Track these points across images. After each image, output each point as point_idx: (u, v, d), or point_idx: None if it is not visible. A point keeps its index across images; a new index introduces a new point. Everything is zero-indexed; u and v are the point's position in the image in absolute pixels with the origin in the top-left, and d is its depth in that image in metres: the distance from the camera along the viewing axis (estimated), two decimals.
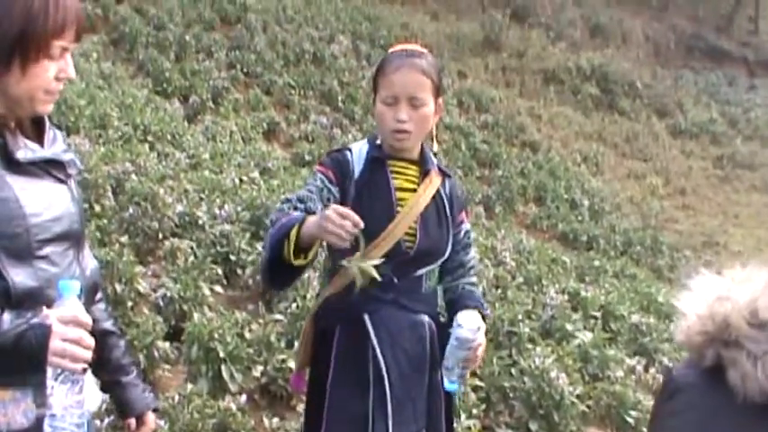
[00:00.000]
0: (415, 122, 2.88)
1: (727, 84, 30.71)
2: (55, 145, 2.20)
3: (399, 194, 2.93)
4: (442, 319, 3.03)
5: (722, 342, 1.17)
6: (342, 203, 2.82)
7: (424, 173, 3.00)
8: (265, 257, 2.76)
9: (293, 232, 2.60)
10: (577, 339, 6.93)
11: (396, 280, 2.88)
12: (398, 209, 2.90)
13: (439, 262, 3.00)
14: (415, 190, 2.95)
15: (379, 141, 2.99)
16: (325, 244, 2.79)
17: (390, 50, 3.04)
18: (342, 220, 2.46)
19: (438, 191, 3.01)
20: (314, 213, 2.74)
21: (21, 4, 2.00)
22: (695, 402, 1.20)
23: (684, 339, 1.24)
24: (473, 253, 3.21)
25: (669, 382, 1.27)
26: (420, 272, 2.94)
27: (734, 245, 17.99)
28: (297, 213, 2.72)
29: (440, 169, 3.08)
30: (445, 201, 3.04)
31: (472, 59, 24.00)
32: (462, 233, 3.12)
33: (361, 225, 2.49)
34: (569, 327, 7.18)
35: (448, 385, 2.86)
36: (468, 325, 2.74)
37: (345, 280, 2.86)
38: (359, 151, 2.98)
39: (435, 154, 3.12)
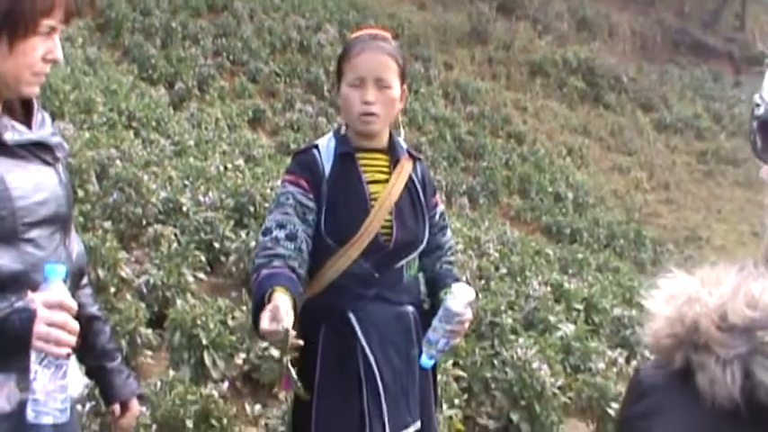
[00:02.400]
0: (382, 104, 2.83)
1: (713, 79, 30.81)
2: (43, 128, 2.19)
3: (372, 188, 2.88)
4: (425, 307, 3.00)
5: (691, 345, 1.16)
6: (317, 206, 2.81)
7: (395, 161, 2.95)
8: (252, 313, 2.66)
9: (266, 303, 2.50)
10: (560, 331, 6.95)
11: (377, 275, 2.84)
12: (372, 203, 2.85)
13: (418, 251, 2.95)
14: (387, 180, 2.91)
15: (344, 132, 2.94)
16: (305, 235, 2.79)
17: (354, 35, 3.00)
18: (266, 325, 2.37)
19: (410, 177, 2.97)
20: (296, 238, 2.73)
21: None
22: (664, 405, 1.19)
23: (653, 342, 1.23)
24: (449, 233, 3.17)
25: (637, 384, 1.26)
26: (400, 263, 2.90)
27: (717, 239, 18.09)
28: (273, 272, 2.64)
29: (410, 154, 3.03)
30: (418, 186, 2.98)
31: (459, 51, 24.01)
32: (437, 216, 3.07)
33: (287, 326, 2.37)
34: (552, 318, 7.19)
35: (424, 361, 2.78)
36: (462, 298, 2.68)
37: (326, 281, 2.85)
38: (326, 147, 2.91)
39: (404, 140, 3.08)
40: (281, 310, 2.38)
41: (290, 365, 2.49)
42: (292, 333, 2.37)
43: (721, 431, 1.13)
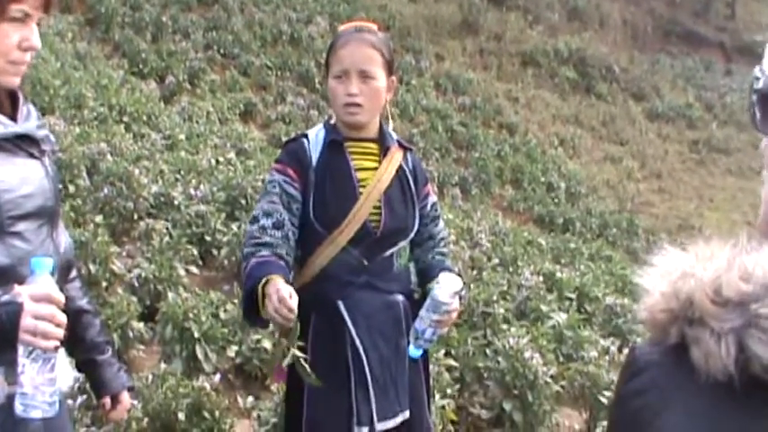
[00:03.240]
0: (366, 96, 2.85)
1: (704, 69, 30.85)
2: (29, 121, 2.16)
3: (361, 175, 2.89)
4: (415, 296, 2.99)
5: (686, 320, 1.17)
6: (304, 195, 2.83)
7: (385, 150, 2.96)
8: (243, 302, 2.75)
9: (258, 292, 2.58)
10: (552, 320, 6.95)
11: (366, 262, 2.85)
12: (361, 190, 2.86)
13: (407, 239, 2.96)
14: (376, 168, 2.92)
15: (333, 121, 2.96)
16: (291, 224, 2.82)
17: (341, 28, 3.02)
18: (278, 305, 2.45)
19: (400, 166, 2.97)
20: (283, 227, 2.78)
21: None
22: (659, 381, 1.20)
23: (648, 317, 1.23)
24: (442, 224, 3.17)
25: (632, 361, 1.26)
26: (390, 251, 2.90)
27: (709, 228, 18.11)
28: (263, 260, 2.70)
29: (400, 144, 3.04)
30: (408, 175, 2.99)
31: (450, 42, 24.00)
32: (429, 206, 3.07)
33: (293, 314, 2.47)
34: (544, 308, 7.20)
35: (412, 351, 2.79)
36: (448, 287, 2.69)
37: (316, 268, 2.86)
38: (315, 137, 2.93)
39: (394, 130, 3.09)
40: (294, 300, 2.46)
41: (303, 362, 2.60)
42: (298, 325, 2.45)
43: (716, 405, 1.13)
